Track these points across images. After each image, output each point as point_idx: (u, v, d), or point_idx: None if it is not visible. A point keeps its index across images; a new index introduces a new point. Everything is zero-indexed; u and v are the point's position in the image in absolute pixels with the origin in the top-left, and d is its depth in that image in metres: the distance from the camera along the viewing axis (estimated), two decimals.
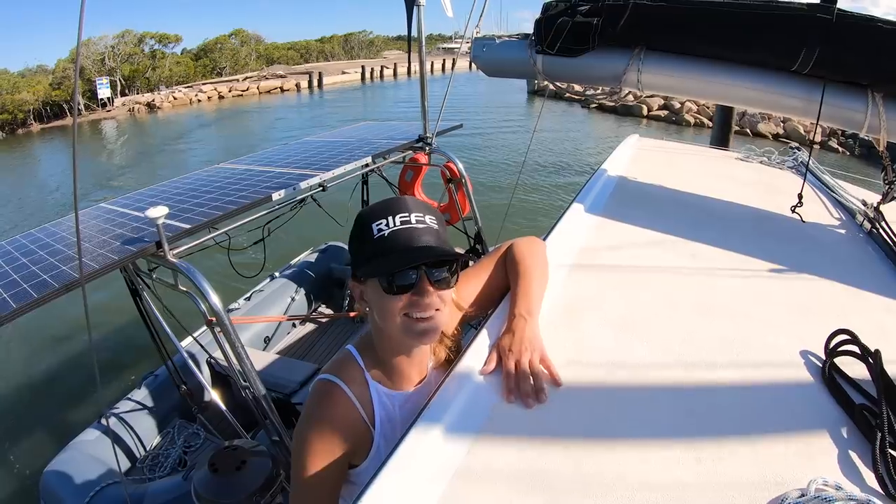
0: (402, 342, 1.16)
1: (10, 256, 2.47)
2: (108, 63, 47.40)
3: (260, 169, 3.40)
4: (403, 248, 1.06)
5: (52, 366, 6.43)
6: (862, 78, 1.94)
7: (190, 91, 46.93)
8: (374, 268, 1.07)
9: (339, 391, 1.14)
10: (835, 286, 1.59)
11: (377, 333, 1.19)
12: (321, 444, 1.11)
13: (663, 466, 0.93)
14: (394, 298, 1.07)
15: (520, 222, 9.05)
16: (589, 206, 2.13)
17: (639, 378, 1.15)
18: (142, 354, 5.87)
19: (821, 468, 0.91)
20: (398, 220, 1.08)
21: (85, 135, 31.85)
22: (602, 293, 1.51)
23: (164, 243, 2.22)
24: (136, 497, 2.92)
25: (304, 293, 5.24)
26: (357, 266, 1.13)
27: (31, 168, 25.01)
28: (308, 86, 51.19)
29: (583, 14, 2.34)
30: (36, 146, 30.86)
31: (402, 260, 1.05)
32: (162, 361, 3.32)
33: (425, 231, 1.09)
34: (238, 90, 48.54)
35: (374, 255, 1.07)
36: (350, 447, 1.14)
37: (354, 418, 1.15)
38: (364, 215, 1.12)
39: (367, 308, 1.17)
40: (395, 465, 0.90)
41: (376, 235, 1.07)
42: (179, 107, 42.99)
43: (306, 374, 3.77)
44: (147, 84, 49.03)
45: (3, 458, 4.96)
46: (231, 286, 5.50)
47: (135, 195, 3.30)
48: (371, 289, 1.11)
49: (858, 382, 1.11)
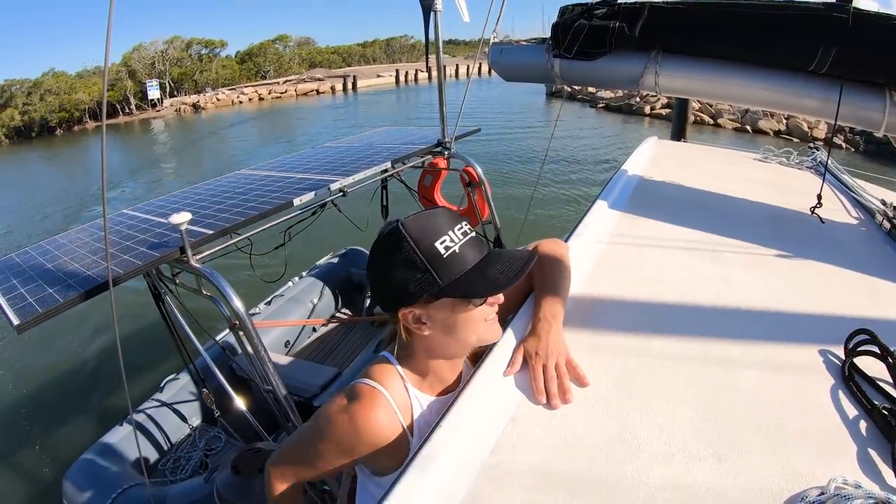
0: (466, 350, 1.17)
1: (35, 262, 2.52)
2: (158, 66, 51.55)
3: (280, 175, 3.44)
4: (481, 260, 1.08)
5: (77, 368, 6.53)
6: (879, 77, 1.93)
7: (232, 93, 50.82)
8: (469, 288, 1.05)
9: (381, 397, 1.12)
10: (854, 286, 1.59)
11: (428, 346, 1.17)
12: (349, 439, 1.10)
13: (685, 466, 0.94)
14: (477, 310, 1.08)
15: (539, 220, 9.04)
16: (610, 207, 2.14)
17: (659, 378, 1.16)
18: (164, 357, 5.95)
19: (840, 467, 0.92)
20: (458, 233, 1.07)
21: (136, 131, 37.39)
22: (623, 294, 1.52)
23: (188, 249, 2.26)
24: (158, 499, 2.95)
25: (324, 297, 5.27)
26: (424, 288, 1.06)
27: (88, 160, 27.75)
28: (343, 89, 53.35)
29: (599, 17, 2.35)
30: (91, 142, 33.97)
31: (501, 278, 1.06)
32: (184, 365, 3.36)
33: (478, 239, 1.11)
34: (277, 92, 51.62)
35: (455, 273, 1.05)
36: (376, 453, 1.12)
37: (394, 426, 1.12)
38: (417, 237, 1.05)
39: (426, 331, 1.12)
40: (420, 464, 0.92)
41: (446, 254, 1.05)
42: (222, 107, 46.81)
43: (327, 378, 3.79)
44: (195, 86, 53.39)
45: (27, 456, 5.04)
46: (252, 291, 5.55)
47: (157, 201, 3.36)
48: (441, 308, 1.08)
49: (878, 382, 1.11)
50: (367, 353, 4.26)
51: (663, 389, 1.12)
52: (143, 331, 6.45)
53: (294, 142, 24.34)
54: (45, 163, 29.04)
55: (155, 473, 3.46)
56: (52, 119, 44.29)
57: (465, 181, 4.16)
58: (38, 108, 44.07)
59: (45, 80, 46.49)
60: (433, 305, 1.09)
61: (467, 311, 1.08)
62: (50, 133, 43.99)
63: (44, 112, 44.05)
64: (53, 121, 44.41)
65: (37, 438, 5.28)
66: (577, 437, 1.01)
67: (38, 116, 43.92)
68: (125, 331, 6.73)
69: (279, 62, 62.31)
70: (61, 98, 44.81)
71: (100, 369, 6.38)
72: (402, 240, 1.06)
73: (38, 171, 26.54)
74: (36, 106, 44.22)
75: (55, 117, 44.38)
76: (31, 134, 43.52)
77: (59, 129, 44.48)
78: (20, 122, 43.58)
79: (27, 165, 28.60)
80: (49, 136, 42.92)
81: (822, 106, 2.04)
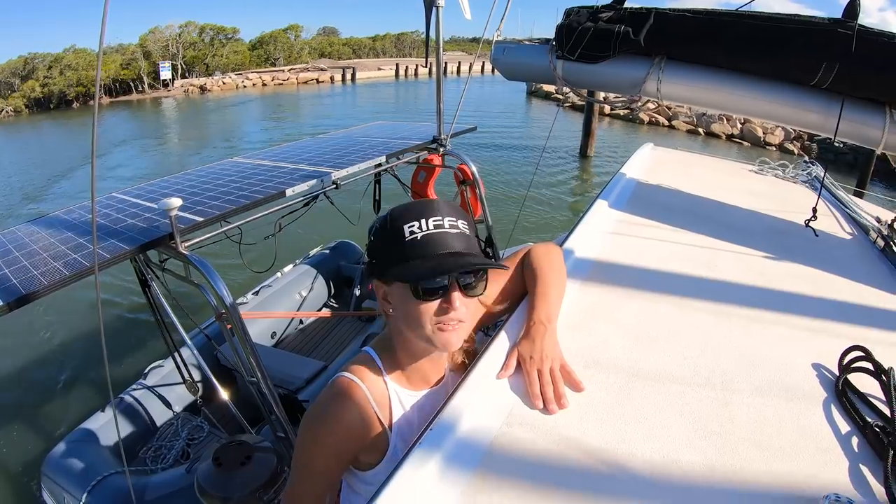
0: (424, 346, 1.15)
1: (21, 242, 2.48)
2: (172, 49, 56.25)
3: (273, 164, 3.40)
4: (436, 254, 1.05)
5: (59, 352, 6.46)
6: (881, 95, 1.94)
7: (238, 77, 54.92)
8: (404, 271, 1.05)
9: (357, 390, 1.13)
10: (849, 302, 1.59)
11: (398, 335, 1.19)
12: (330, 438, 1.10)
13: (677, 477, 0.93)
14: (421, 303, 1.06)
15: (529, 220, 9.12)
16: (605, 214, 2.14)
17: (653, 388, 1.15)
18: (150, 343, 5.91)
19: (833, 483, 0.91)
20: (431, 223, 1.06)
21: (149, 107, 42.37)
22: (617, 301, 1.51)
23: (177, 235, 2.22)
24: (138, 488, 2.92)
25: (313, 289, 5.24)
26: (384, 266, 1.10)
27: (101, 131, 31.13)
28: (342, 79, 56.96)
29: (605, 21, 2.34)
30: (105, 116, 36.52)
31: (435, 268, 1.04)
32: (168, 353, 3.32)
33: (458, 237, 1.08)
34: (279, 79, 55.48)
35: (405, 258, 1.06)
36: (360, 447, 1.14)
37: (370, 419, 1.13)
38: (396, 216, 1.09)
39: (390, 309, 1.15)
40: (411, 467, 0.91)
41: (408, 237, 1.06)
42: (227, 90, 51.04)
43: (313, 371, 3.77)
44: (206, 69, 58.02)
45: (6, 441, 4.98)
46: (239, 280, 5.51)
47: (148, 186, 3.31)
48: (397, 291, 1.10)
49: (871, 399, 1.11)
50: (355, 347, 4.25)
51: (657, 399, 1.12)
52: (129, 316, 6.40)
53: (281, 122, 28.96)
54: (60, 129, 33.67)
55: (135, 461, 3.43)
56: (69, 93, 48.77)
57: (458, 179, 4.14)
58: (57, 82, 48.68)
59: (66, 56, 51.01)
60: (393, 287, 1.11)
61: (415, 304, 1.06)
62: (67, 106, 48.42)
63: (62, 86, 48.64)
64: (71, 94, 48.89)
65: (16, 424, 5.22)
66: (570, 442, 1.00)
67: (57, 90, 48.49)
68: (111, 315, 6.68)
69: (290, 50, 65.93)
70: (79, 74, 49.11)
71: (83, 354, 6.31)
72: (389, 214, 1.12)
73: (51, 137, 31.00)
74: (56, 80, 48.86)
75: (73, 91, 48.82)
76: (50, 105, 48.08)
77: (76, 102, 48.95)
78: (40, 94, 48.16)
79: (42, 132, 33.28)
80: (66, 109, 47.32)
81: (823, 121, 2.05)
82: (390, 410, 1.17)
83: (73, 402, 5.42)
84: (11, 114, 45.25)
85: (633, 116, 23.54)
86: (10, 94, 48.14)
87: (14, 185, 17.18)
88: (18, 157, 23.85)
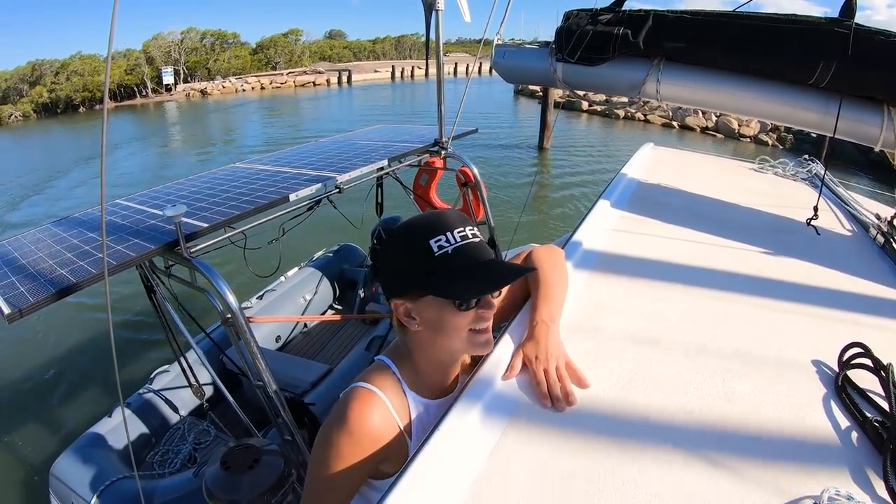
0: (454, 354, 1.16)
1: (27, 250, 2.50)
2: (174, 54, 58.00)
3: (276, 169, 3.42)
4: (475, 265, 1.06)
5: (65, 358, 6.48)
6: (878, 93, 1.95)
7: (237, 81, 56.59)
8: (456, 288, 1.05)
9: (377, 399, 1.11)
10: (849, 299, 1.60)
11: (420, 346, 1.17)
12: (350, 448, 1.07)
13: (679, 472, 0.94)
14: (462, 315, 1.07)
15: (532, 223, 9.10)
16: (607, 214, 2.15)
17: (655, 385, 1.16)
18: (156, 349, 5.93)
19: (833, 478, 0.92)
20: (457, 235, 1.07)
21: (151, 111, 43.97)
22: (619, 301, 1.52)
23: (182, 241, 2.24)
24: (147, 492, 2.94)
25: (317, 293, 5.26)
26: (410, 284, 1.09)
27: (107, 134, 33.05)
28: (338, 82, 58.18)
29: (604, 23, 2.36)
30: (110, 119, 36.69)
31: (490, 281, 1.06)
32: (175, 357, 3.34)
33: (482, 245, 1.09)
34: (277, 83, 57.13)
35: (445, 274, 1.05)
36: (382, 457, 1.11)
37: (391, 428, 1.12)
38: (416, 231, 1.09)
39: (416, 325, 1.13)
40: (419, 469, 0.91)
41: (437, 252, 1.05)
42: (227, 94, 52.83)
43: (318, 375, 3.79)
44: (207, 74, 59.87)
45: (15, 446, 5.01)
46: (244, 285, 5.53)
47: (152, 192, 3.33)
48: (429, 306, 1.09)
49: (871, 395, 1.13)
50: (359, 350, 4.25)
51: (660, 395, 1.13)
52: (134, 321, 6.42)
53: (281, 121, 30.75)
54: (67, 132, 35.59)
55: (143, 466, 3.45)
56: (76, 98, 50.74)
57: (460, 181, 4.15)
58: (64, 87, 50.74)
59: (72, 62, 53.04)
60: (421, 302, 1.10)
61: (453, 315, 1.07)
62: (74, 110, 50.40)
63: (69, 91, 50.61)
64: (77, 99, 50.85)
65: (24, 429, 5.25)
66: (575, 440, 1.01)
67: (64, 95, 50.53)
68: (118, 321, 6.69)
69: (290, 54, 67.31)
70: (85, 79, 51.10)
71: (90, 360, 6.34)
72: (405, 231, 1.11)
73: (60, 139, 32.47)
74: (62, 85, 50.93)
75: (79, 96, 50.87)
76: (57, 110, 49.85)
77: (83, 107, 50.99)
78: (48, 99, 50.07)
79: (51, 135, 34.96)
80: (73, 113, 49.21)
81: (821, 119, 2.06)
82: (410, 419, 1.16)
83: (80, 407, 5.44)
84: (20, 119, 46.56)
85: (608, 112, 24.03)
86: (19, 99, 49.75)
87: (25, 184, 17.72)
88: (26, 160, 24.39)
